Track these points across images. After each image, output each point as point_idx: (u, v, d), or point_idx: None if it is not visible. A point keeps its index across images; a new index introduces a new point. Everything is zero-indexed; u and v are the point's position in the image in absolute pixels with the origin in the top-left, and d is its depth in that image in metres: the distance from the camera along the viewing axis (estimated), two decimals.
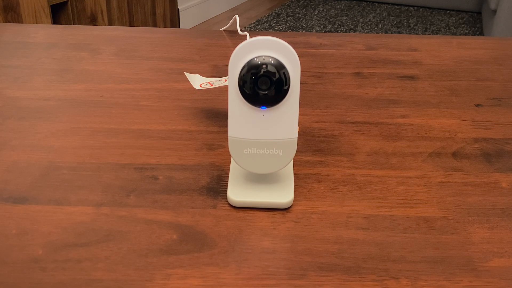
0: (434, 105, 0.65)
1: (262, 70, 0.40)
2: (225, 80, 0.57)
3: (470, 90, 0.69)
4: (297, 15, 3.48)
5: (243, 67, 0.40)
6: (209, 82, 0.59)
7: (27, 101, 0.62)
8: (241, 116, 0.42)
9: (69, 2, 1.94)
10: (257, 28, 3.18)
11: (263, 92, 0.41)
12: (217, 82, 0.58)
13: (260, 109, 0.42)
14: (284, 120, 0.43)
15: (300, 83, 0.70)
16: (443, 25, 3.31)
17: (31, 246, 0.40)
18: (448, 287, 0.37)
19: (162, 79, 0.70)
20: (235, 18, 0.81)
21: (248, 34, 0.81)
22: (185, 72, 0.62)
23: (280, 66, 0.40)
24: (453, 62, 0.79)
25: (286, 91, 0.41)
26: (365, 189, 0.48)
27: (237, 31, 0.86)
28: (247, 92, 0.41)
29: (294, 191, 0.47)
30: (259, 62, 0.40)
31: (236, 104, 0.42)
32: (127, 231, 0.42)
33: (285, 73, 0.40)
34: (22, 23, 1.72)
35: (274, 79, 0.40)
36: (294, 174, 0.50)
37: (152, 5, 2.52)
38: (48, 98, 0.64)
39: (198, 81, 0.60)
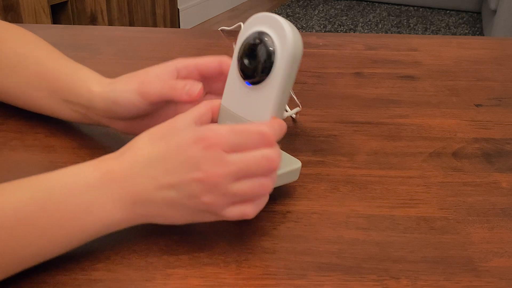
0: (434, 105, 0.65)
1: (249, 44, 0.40)
2: None
3: (470, 90, 0.69)
4: (297, 15, 3.48)
5: (244, 39, 0.41)
6: None
7: None
8: (232, 87, 0.43)
9: (69, 2, 1.94)
10: None
11: (248, 66, 0.41)
12: None
13: (246, 84, 0.42)
14: (260, 101, 0.42)
15: (300, 83, 0.70)
16: (443, 25, 3.31)
17: None
18: (448, 287, 0.37)
19: None
20: (240, 26, 0.80)
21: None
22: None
23: (267, 43, 0.40)
24: (453, 62, 0.79)
25: (267, 69, 0.40)
26: (365, 189, 0.48)
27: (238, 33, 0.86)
28: (239, 65, 0.42)
29: (294, 191, 0.47)
30: (253, 36, 0.41)
31: (232, 75, 0.43)
32: (127, 231, 0.42)
33: (269, 50, 0.40)
34: (22, 23, 1.72)
35: (256, 53, 0.40)
36: None
37: (152, 5, 2.52)
38: None
39: None
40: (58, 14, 1.97)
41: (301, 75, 0.72)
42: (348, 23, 3.33)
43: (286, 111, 0.60)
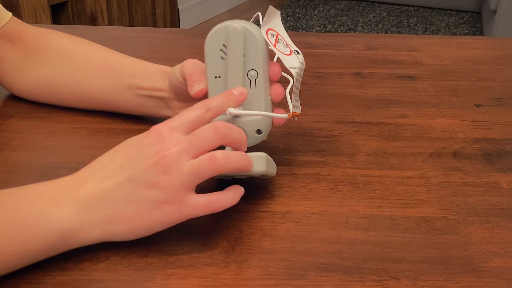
0: (434, 105, 0.65)
1: None
2: (290, 53, 0.49)
3: (470, 90, 0.69)
4: (297, 15, 3.48)
5: None
6: (276, 41, 0.48)
7: (27, 101, 0.62)
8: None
9: (69, 2, 1.94)
10: None
11: None
12: (282, 47, 0.49)
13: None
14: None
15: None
16: (443, 25, 3.30)
17: None
18: (449, 287, 0.37)
19: None
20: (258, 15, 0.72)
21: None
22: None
23: None
24: (453, 62, 0.79)
25: None
26: (365, 189, 0.48)
27: None
28: None
29: (294, 191, 0.47)
30: None
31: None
32: None
33: None
34: None
35: None
36: (294, 174, 0.50)
37: (152, 5, 2.51)
38: None
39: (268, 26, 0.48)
40: (58, 14, 1.96)
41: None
42: (348, 23, 3.33)
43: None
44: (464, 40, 0.89)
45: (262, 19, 0.47)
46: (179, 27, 2.88)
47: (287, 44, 0.50)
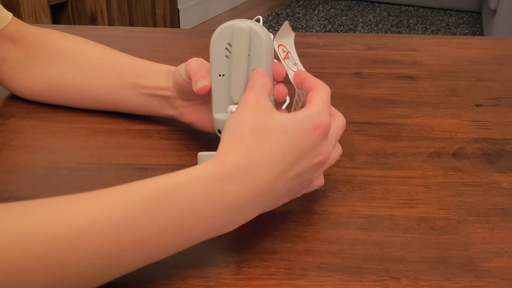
0: (434, 105, 0.65)
1: None
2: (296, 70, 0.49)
3: (470, 90, 0.69)
4: (297, 15, 3.48)
5: None
6: (285, 56, 0.49)
7: (27, 101, 0.62)
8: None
9: (69, 2, 1.94)
10: None
11: None
12: (291, 64, 0.50)
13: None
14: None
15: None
16: (443, 25, 3.30)
17: None
18: (449, 287, 0.37)
19: None
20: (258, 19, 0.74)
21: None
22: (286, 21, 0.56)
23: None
24: (453, 62, 0.79)
25: None
26: (365, 189, 0.48)
27: None
28: None
29: None
30: None
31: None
32: None
33: None
34: None
35: None
36: None
37: (152, 5, 2.51)
38: None
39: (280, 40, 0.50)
40: (58, 14, 1.96)
41: None
42: (348, 23, 3.33)
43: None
44: (464, 40, 0.89)
45: (263, 22, 0.48)
46: (179, 27, 2.88)
47: (295, 63, 0.50)
